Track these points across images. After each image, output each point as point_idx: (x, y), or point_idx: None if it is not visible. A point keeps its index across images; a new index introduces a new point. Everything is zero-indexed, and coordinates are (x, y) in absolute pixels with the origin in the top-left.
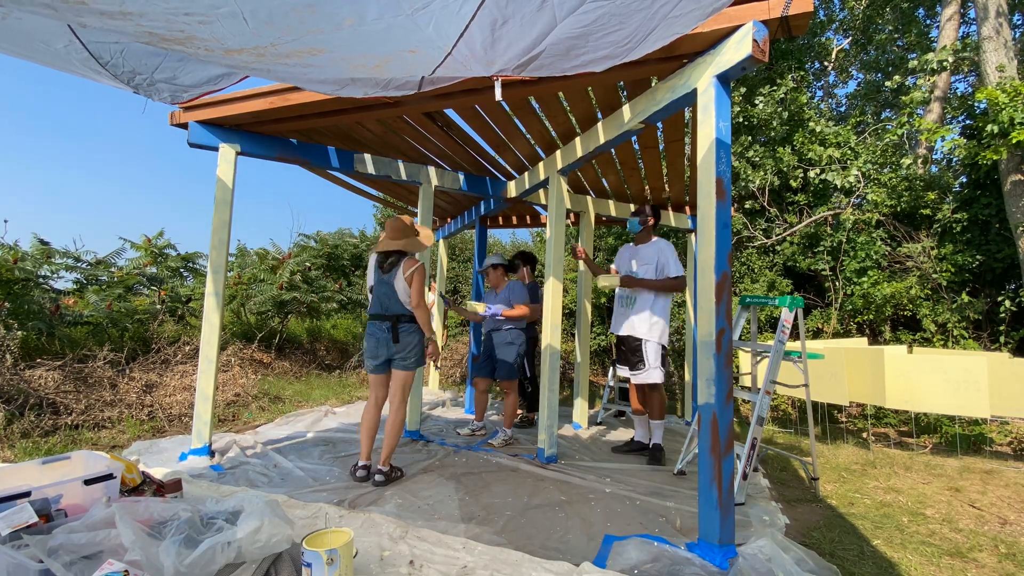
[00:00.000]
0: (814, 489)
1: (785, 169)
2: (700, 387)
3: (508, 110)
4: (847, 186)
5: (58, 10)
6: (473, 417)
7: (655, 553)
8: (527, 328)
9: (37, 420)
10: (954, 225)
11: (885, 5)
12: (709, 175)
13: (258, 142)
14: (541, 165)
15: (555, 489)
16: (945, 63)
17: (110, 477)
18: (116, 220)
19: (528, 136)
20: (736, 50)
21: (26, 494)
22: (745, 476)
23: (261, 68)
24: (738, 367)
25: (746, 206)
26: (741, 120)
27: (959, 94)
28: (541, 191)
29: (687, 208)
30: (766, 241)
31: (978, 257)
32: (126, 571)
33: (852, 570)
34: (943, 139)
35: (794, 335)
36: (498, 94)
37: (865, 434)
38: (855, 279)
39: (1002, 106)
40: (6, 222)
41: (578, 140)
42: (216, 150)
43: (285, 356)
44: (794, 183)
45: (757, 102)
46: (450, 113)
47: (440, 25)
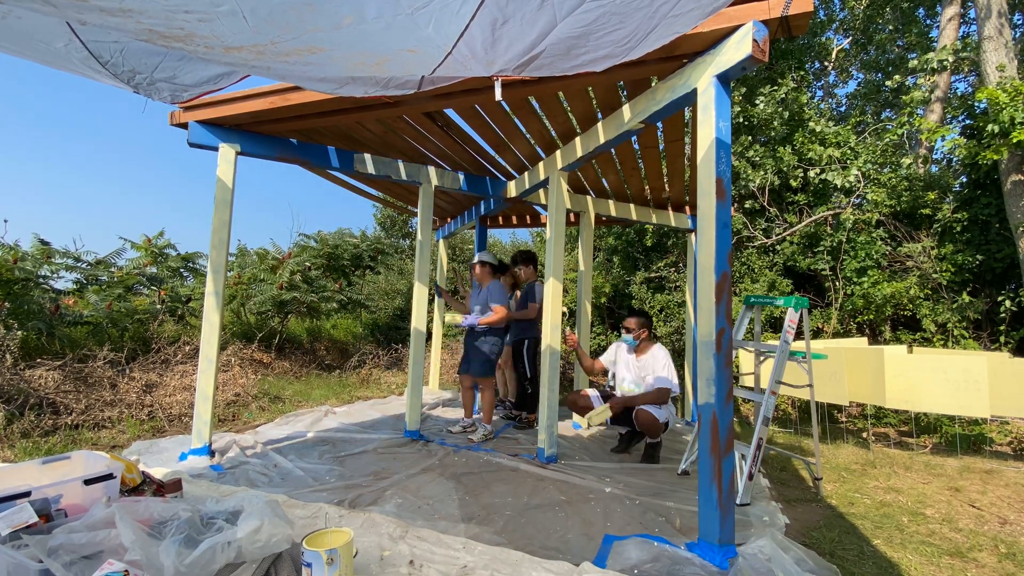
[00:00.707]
0: (817, 489)
1: (785, 169)
2: (700, 387)
3: (508, 110)
4: (847, 186)
5: (58, 7)
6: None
7: (655, 553)
8: (526, 328)
9: (37, 420)
10: (954, 225)
11: (885, 5)
12: (709, 175)
13: (258, 142)
14: (541, 165)
15: (555, 489)
16: (945, 63)
17: (110, 477)
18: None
19: (528, 136)
20: (736, 50)
21: (26, 494)
22: (751, 477)
23: (261, 66)
24: (738, 367)
25: (746, 206)
26: (741, 120)
27: (959, 94)
28: (541, 191)
29: (687, 208)
30: (766, 241)
31: (978, 257)
32: (126, 571)
33: (852, 570)
34: (943, 139)
35: (797, 335)
36: (498, 94)
37: (865, 434)
38: (855, 279)
39: (1003, 106)
40: (6, 222)
41: (578, 140)
42: (216, 150)
43: (285, 356)
44: (794, 183)
45: (757, 102)
46: (450, 113)
47: (440, 24)
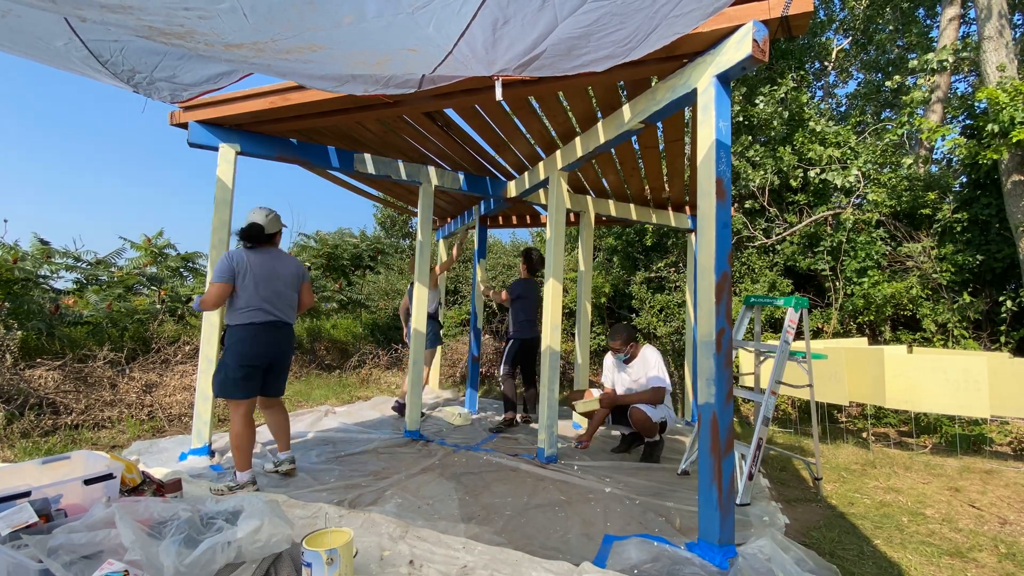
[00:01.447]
0: (817, 489)
1: (785, 169)
2: (700, 387)
3: (508, 110)
4: (847, 186)
5: (57, 2)
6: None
7: (655, 553)
8: (517, 332)
9: (37, 420)
10: (954, 225)
11: (885, 5)
12: (709, 175)
13: (258, 142)
14: (541, 165)
15: (555, 489)
16: (945, 63)
17: (110, 477)
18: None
19: (528, 136)
20: (736, 50)
21: (26, 494)
22: (751, 477)
23: (261, 63)
24: (738, 367)
25: (746, 206)
26: (741, 120)
27: (959, 94)
28: (541, 191)
29: (687, 208)
30: (766, 241)
31: (978, 257)
32: (126, 571)
33: (852, 570)
34: (943, 139)
35: (797, 335)
36: (499, 94)
37: (865, 434)
38: (855, 279)
39: (1003, 106)
40: (6, 222)
41: (578, 140)
42: (216, 150)
43: None
44: (794, 183)
45: (757, 102)
46: (450, 113)
47: (441, 24)
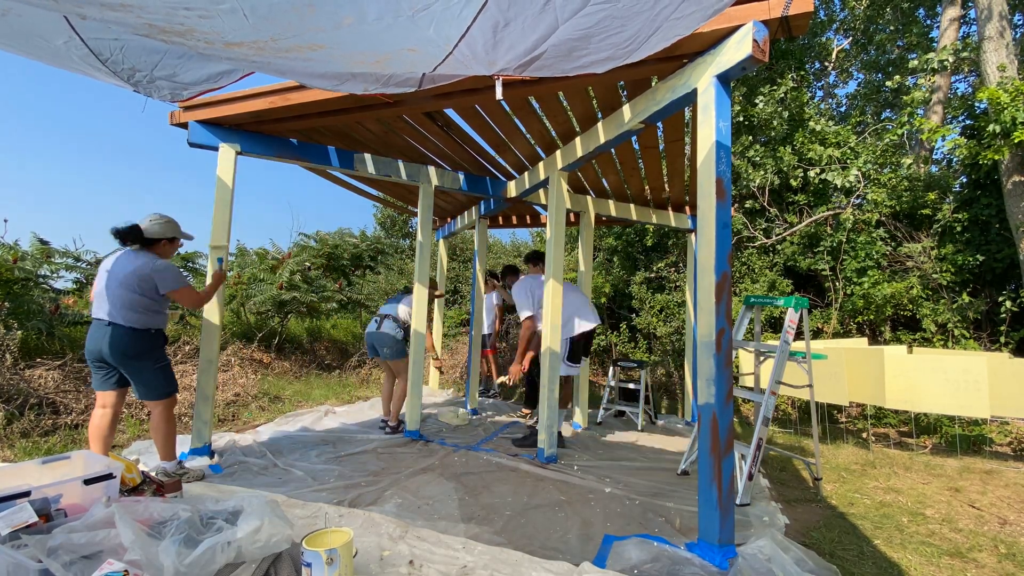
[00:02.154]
0: (817, 489)
1: (785, 169)
2: (700, 387)
3: (508, 110)
4: (847, 186)
5: (58, 1)
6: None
7: (655, 553)
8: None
9: (37, 420)
10: (954, 225)
11: (885, 5)
12: (709, 175)
13: (258, 142)
14: (541, 165)
15: (555, 489)
16: (946, 63)
17: (110, 477)
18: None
19: (528, 136)
20: (736, 50)
21: (26, 494)
22: (751, 477)
23: (261, 61)
24: (738, 367)
25: (746, 206)
26: (742, 120)
27: (960, 94)
28: (541, 191)
29: (687, 208)
30: (766, 241)
31: (978, 257)
32: (126, 571)
33: (852, 570)
34: (943, 139)
35: (797, 335)
36: (499, 93)
37: (865, 434)
38: (855, 279)
39: (1003, 106)
40: (6, 222)
41: (578, 140)
42: (216, 150)
43: (285, 356)
44: (794, 183)
45: (757, 101)
46: (450, 113)
47: (441, 27)
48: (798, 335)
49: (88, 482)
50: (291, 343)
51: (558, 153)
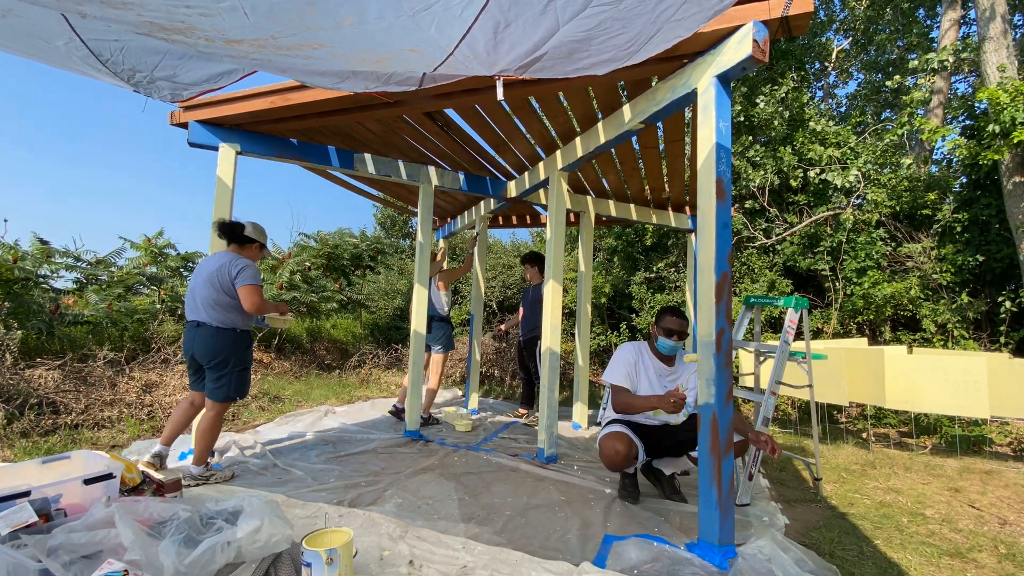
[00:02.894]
0: (817, 489)
1: (785, 169)
2: (700, 387)
3: (508, 110)
4: (847, 186)
5: None
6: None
7: (655, 553)
8: (538, 327)
9: (37, 420)
10: (954, 225)
11: (885, 5)
12: (709, 175)
13: (258, 142)
14: (541, 165)
15: (555, 489)
16: (946, 63)
17: (110, 477)
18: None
19: (528, 136)
20: (736, 50)
21: (26, 493)
22: (751, 477)
23: (262, 59)
24: (738, 367)
25: (746, 206)
26: (742, 120)
27: (960, 94)
28: (541, 191)
29: (687, 208)
30: (766, 241)
31: (978, 257)
32: (126, 571)
33: (852, 570)
34: (944, 139)
35: (797, 335)
36: (500, 94)
37: (865, 434)
38: (855, 279)
39: (1003, 106)
40: (6, 221)
41: (578, 140)
42: (216, 150)
43: (285, 356)
44: (794, 183)
45: (758, 101)
46: (450, 113)
47: (442, 27)
48: (798, 335)
49: (88, 482)
50: (291, 343)
51: (558, 153)
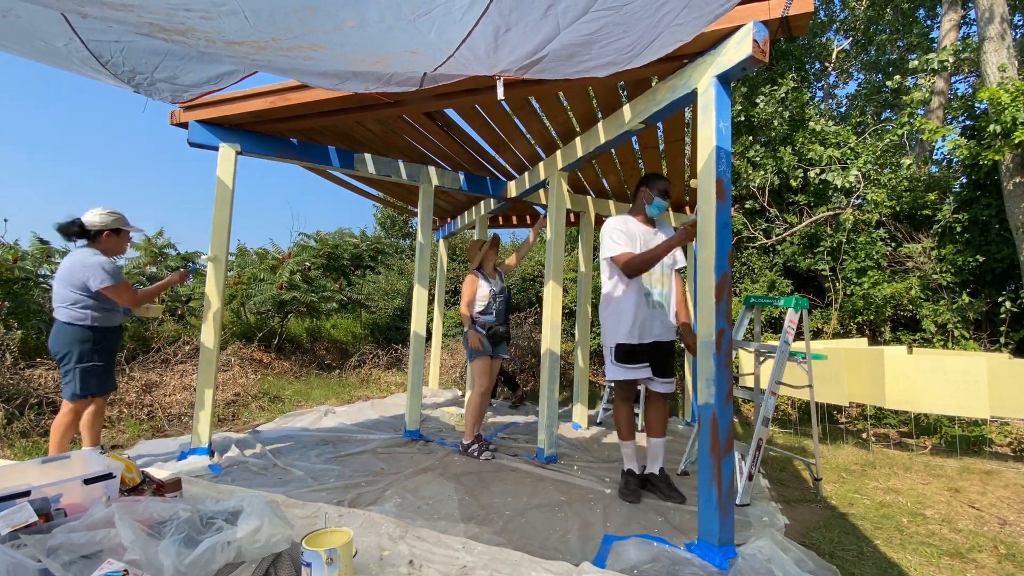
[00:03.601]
0: (817, 490)
1: (785, 169)
2: (700, 387)
3: (508, 110)
4: (847, 186)
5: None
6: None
7: (655, 553)
8: None
9: (37, 419)
10: (954, 226)
11: (886, 5)
12: (709, 175)
13: (258, 142)
14: (541, 165)
15: (555, 489)
16: (946, 63)
17: (110, 476)
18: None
19: (528, 136)
20: (736, 50)
21: (26, 493)
22: (751, 477)
23: (262, 60)
24: (738, 367)
25: (746, 206)
26: (742, 120)
27: (960, 94)
28: (541, 191)
29: (687, 208)
30: (766, 241)
31: (978, 258)
32: (125, 571)
33: (852, 570)
34: (944, 139)
35: (797, 335)
36: (500, 94)
37: (865, 435)
38: (855, 279)
39: (1004, 106)
40: (6, 221)
41: (578, 140)
42: (216, 150)
43: (285, 356)
44: (794, 183)
45: (758, 101)
46: (450, 113)
47: (442, 31)
48: (798, 335)
49: (88, 482)
50: (291, 343)
51: (558, 153)
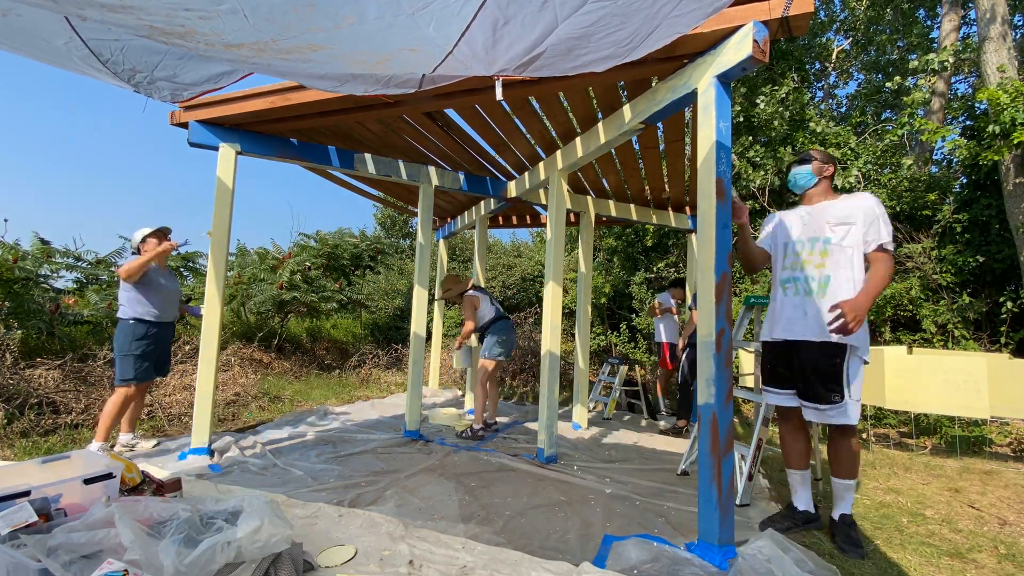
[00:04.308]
0: (817, 490)
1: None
2: (700, 387)
3: (508, 110)
4: (847, 186)
5: (59, 2)
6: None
7: (655, 553)
8: (693, 335)
9: (37, 419)
10: (954, 226)
11: (886, 6)
12: (709, 175)
13: (258, 142)
14: (541, 165)
15: (555, 489)
16: (946, 63)
17: (110, 476)
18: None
19: (528, 136)
20: (736, 50)
21: (26, 493)
22: (751, 477)
23: (262, 63)
24: (738, 367)
25: (746, 206)
26: (742, 120)
27: (960, 94)
28: (541, 191)
29: (687, 208)
30: None
31: (978, 258)
32: (125, 571)
33: (852, 570)
34: (944, 139)
35: None
36: (499, 94)
37: (865, 435)
38: None
39: (1003, 106)
40: (6, 221)
41: (578, 140)
42: (216, 150)
43: (285, 356)
44: None
45: (758, 102)
46: (450, 113)
47: (441, 25)
48: None
49: (88, 482)
50: (291, 343)
51: (558, 153)
